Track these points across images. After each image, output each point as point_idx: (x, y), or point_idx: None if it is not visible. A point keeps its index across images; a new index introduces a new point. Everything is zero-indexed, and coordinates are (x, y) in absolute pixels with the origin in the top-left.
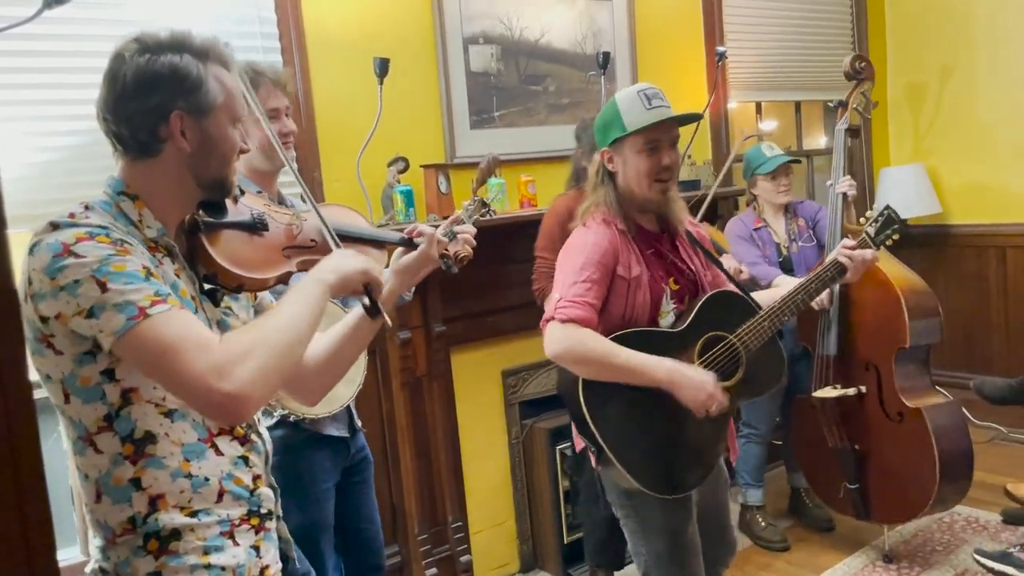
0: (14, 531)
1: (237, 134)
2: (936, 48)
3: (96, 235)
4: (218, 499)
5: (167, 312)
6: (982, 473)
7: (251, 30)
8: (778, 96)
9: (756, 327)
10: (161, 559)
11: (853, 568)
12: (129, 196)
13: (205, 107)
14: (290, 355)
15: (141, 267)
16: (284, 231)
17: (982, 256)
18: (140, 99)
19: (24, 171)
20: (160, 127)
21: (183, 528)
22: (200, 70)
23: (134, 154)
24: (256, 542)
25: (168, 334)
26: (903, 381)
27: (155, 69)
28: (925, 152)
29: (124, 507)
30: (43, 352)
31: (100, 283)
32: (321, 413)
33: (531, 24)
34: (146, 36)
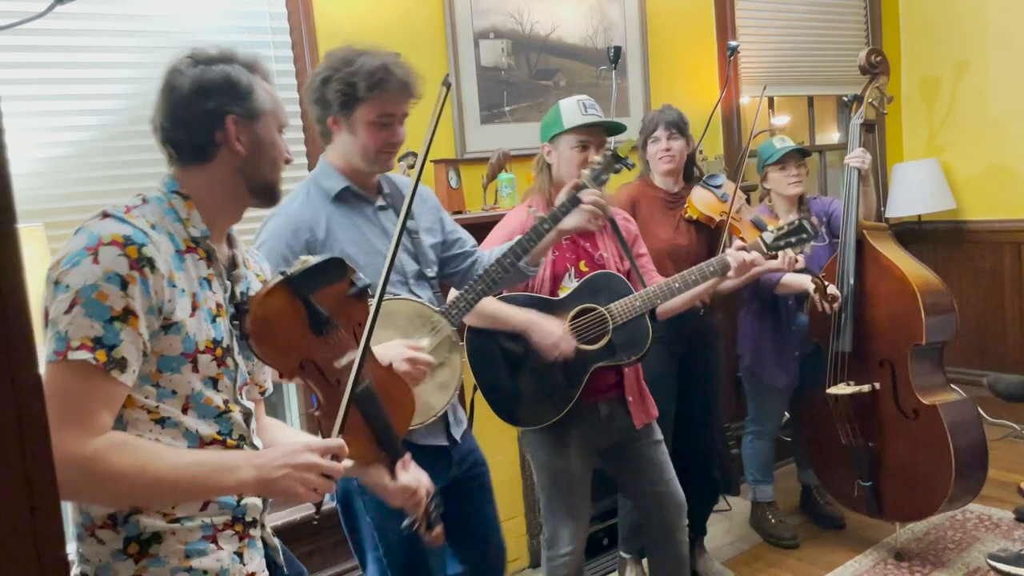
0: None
1: (283, 142)
2: (950, 43)
3: (128, 245)
4: (203, 508)
5: (82, 364)
6: (995, 471)
7: (262, 25)
8: (791, 91)
9: (627, 304)
10: (141, 563)
11: (864, 566)
12: (182, 195)
13: (256, 112)
14: (142, 503)
15: (122, 308)
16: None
17: (996, 252)
18: (197, 105)
19: (36, 166)
20: (216, 131)
21: (163, 532)
22: (249, 78)
23: (189, 159)
24: (239, 548)
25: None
26: (918, 378)
27: (210, 77)
28: (939, 147)
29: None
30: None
31: (73, 302)
32: (413, 425)
33: (542, 19)
34: (198, 51)
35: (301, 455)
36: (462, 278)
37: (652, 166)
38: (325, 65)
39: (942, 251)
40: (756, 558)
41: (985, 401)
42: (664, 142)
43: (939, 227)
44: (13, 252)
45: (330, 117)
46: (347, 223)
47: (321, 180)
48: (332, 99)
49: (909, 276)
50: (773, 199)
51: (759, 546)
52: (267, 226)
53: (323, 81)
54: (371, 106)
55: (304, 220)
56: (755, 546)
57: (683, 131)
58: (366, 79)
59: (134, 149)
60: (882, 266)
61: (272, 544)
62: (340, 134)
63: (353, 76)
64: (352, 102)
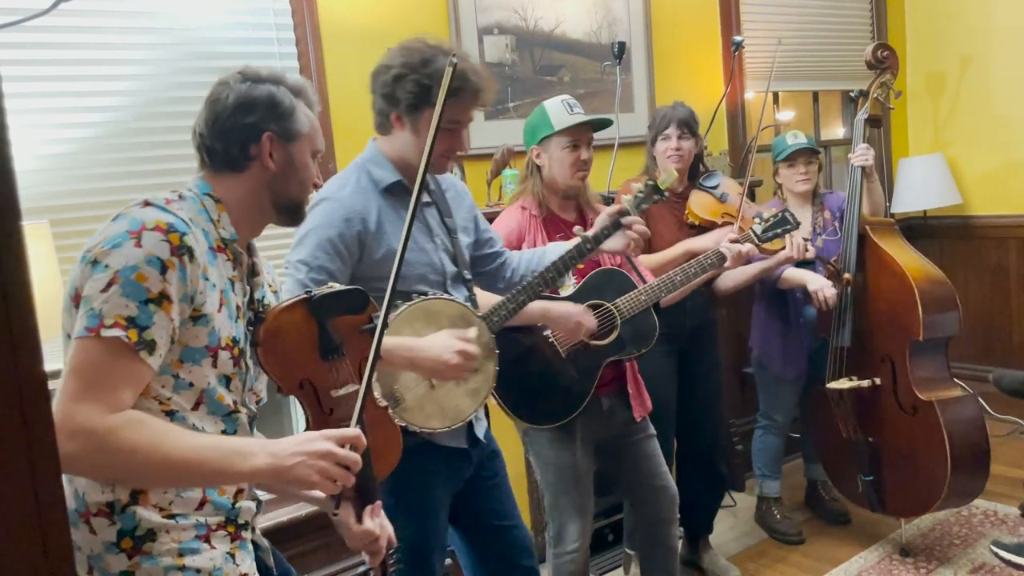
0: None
1: (315, 167)
2: (956, 38)
3: (171, 232)
4: (199, 507)
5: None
6: (1001, 467)
7: (266, 21)
8: (795, 86)
9: (633, 299)
10: (135, 559)
11: (869, 562)
12: (214, 198)
13: (293, 133)
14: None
15: (159, 291)
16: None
17: (1002, 247)
18: (237, 117)
19: (41, 163)
20: (251, 145)
21: (158, 528)
22: (292, 101)
23: (221, 167)
24: (231, 549)
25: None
26: (918, 374)
27: (255, 94)
28: (945, 142)
29: (106, 490)
30: (71, 310)
31: (111, 281)
32: (440, 428)
33: (546, 14)
34: (249, 70)
35: (317, 443)
36: (490, 278)
37: (660, 164)
38: (400, 61)
39: (948, 246)
40: (761, 554)
41: (991, 397)
42: (675, 141)
43: (945, 222)
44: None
45: (395, 113)
46: (395, 217)
47: (372, 169)
48: (402, 97)
49: (908, 271)
50: (785, 194)
51: (764, 541)
52: (315, 212)
53: (396, 78)
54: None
55: (357, 210)
56: (760, 542)
57: (694, 130)
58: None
59: (139, 146)
60: (883, 261)
61: (263, 546)
62: (401, 131)
63: (429, 79)
64: (423, 104)
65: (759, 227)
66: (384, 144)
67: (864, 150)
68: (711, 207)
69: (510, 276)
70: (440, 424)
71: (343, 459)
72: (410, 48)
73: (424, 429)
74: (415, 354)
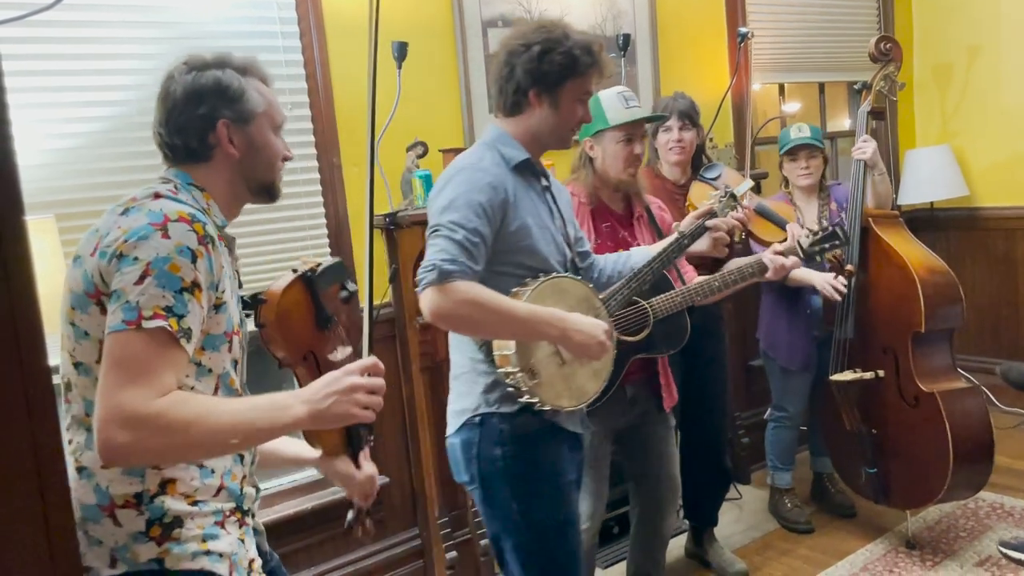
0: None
1: (280, 141)
2: (963, 28)
3: (195, 222)
4: (216, 493)
5: (157, 330)
6: (1008, 459)
7: (270, 15)
8: (802, 77)
9: (669, 299)
10: (164, 545)
11: (875, 554)
12: (198, 187)
13: (248, 115)
14: (205, 454)
15: (191, 280)
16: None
17: (1010, 239)
18: (189, 110)
19: (46, 158)
20: (209, 134)
21: (184, 516)
22: (241, 82)
23: (187, 161)
24: (240, 535)
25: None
26: (921, 366)
27: (201, 83)
28: (952, 134)
29: (134, 481)
30: (87, 308)
31: (144, 273)
32: (570, 407)
33: (550, 7)
34: (192, 57)
35: (343, 380)
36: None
37: (661, 155)
38: (538, 38)
39: (955, 238)
40: (767, 546)
41: (998, 389)
42: (676, 132)
43: (952, 214)
44: (22, 245)
45: (533, 90)
46: (525, 194)
47: (501, 148)
48: (548, 71)
49: (910, 263)
50: (791, 187)
51: (770, 534)
52: (454, 181)
53: (542, 53)
54: (582, 82)
55: (500, 179)
56: (766, 534)
57: (695, 121)
58: (585, 55)
59: (143, 140)
60: (885, 253)
61: (260, 530)
62: (537, 108)
63: (574, 51)
64: (566, 77)
65: (806, 241)
66: (511, 125)
67: (864, 143)
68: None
69: (596, 277)
70: (568, 403)
71: (371, 386)
72: (542, 25)
73: (554, 406)
74: (567, 326)
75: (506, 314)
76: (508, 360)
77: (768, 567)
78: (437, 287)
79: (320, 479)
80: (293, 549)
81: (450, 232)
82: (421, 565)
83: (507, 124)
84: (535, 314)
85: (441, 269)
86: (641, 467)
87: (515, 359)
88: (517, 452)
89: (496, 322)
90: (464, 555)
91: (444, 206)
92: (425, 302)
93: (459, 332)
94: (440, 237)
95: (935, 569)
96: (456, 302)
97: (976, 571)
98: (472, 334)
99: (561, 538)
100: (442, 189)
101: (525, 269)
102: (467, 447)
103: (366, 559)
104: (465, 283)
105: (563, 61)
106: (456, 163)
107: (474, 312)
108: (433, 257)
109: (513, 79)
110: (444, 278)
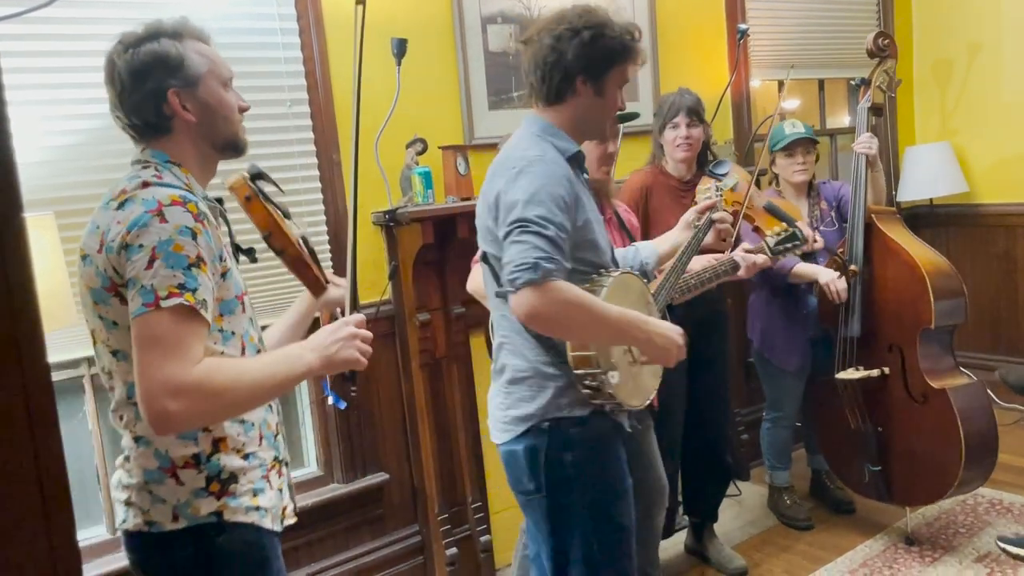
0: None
1: (232, 94)
2: (963, 25)
3: (188, 201)
4: (259, 443)
5: (177, 308)
6: (1006, 455)
7: (269, 12)
8: (801, 74)
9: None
10: (222, 500)
11: (874, 550)
12: (175, 163)
13: (193, 78)
14: (240, 412)
15: (195, 255)
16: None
17: (1010, 236)
18: (138, 88)
19: (45, 155)
20: (163, 107)
21: (238, 471)
22: (177, 48)
23: (151, 136)
24: (280, 485)
25: (164, 332)
26: (927, 362)
27: (140, 59)
28: (952, 130)
29: (189, 444)
30: (108, 301)
31: (152, 257)
32: (639, 405)
33: (550, 3)
34: (126, 35)
35: (342, 330)
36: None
37: (667, 152)
38: (586, 22)
39: (954, 235)
40: (766, 542)
41: (997, 385)
42: (684, 129)
43: (952, 211)
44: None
45: (581, 76)
46: (581, 188)
47: (552, 139)
48: (599, 56)
49: (918, 260)
50: (781, 184)
51: (769, 530)
52: (529, 173)
53: (594, 38)
54: (627, 67)
55: (568, 172)
56: (765, 530)
57: (702, 117)
58: (632, 40)
59: None
60: (890, 250)
61: (291, 483)
62: (581, 97)
63: (622, 36)
64: (614, 63)
65: (772, 240)
66: (553, 115)
67: (867, 138)
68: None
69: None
70: (638, 402)
71: (364, 335)
72: (587, 10)
73: (629, 406)
74: (650, 329)
75: (599, 316)
76: (588, 361)
77: (767, 563)
78: (536, 287)
79: (320, 475)
80: (293, 546)
81: (541, 228)
82: (421, 561)
83: (549, 114)
84: (624, 317)
85: (543, 268)
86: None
87: (597, 360)
88: (588, 456)
89: (590, 324)
90: (464, 552)
91: (525, 200)
92: (522, 302)
93: (551, 334)
94: (530, 233)
95: (934, 565)
96: (557, 302)
97: (975, 567)
98: (563, 336)
99: (627, 546)
100: (513, 181)
101: (588, 265)
102: (532, 454)
103: (366, 555)
104: (563, 282)
105: (614, 46)
106: (517, 154)
107: (572, 313)
108: (528, 255)
109: (561, 65)
110: (546, 277)
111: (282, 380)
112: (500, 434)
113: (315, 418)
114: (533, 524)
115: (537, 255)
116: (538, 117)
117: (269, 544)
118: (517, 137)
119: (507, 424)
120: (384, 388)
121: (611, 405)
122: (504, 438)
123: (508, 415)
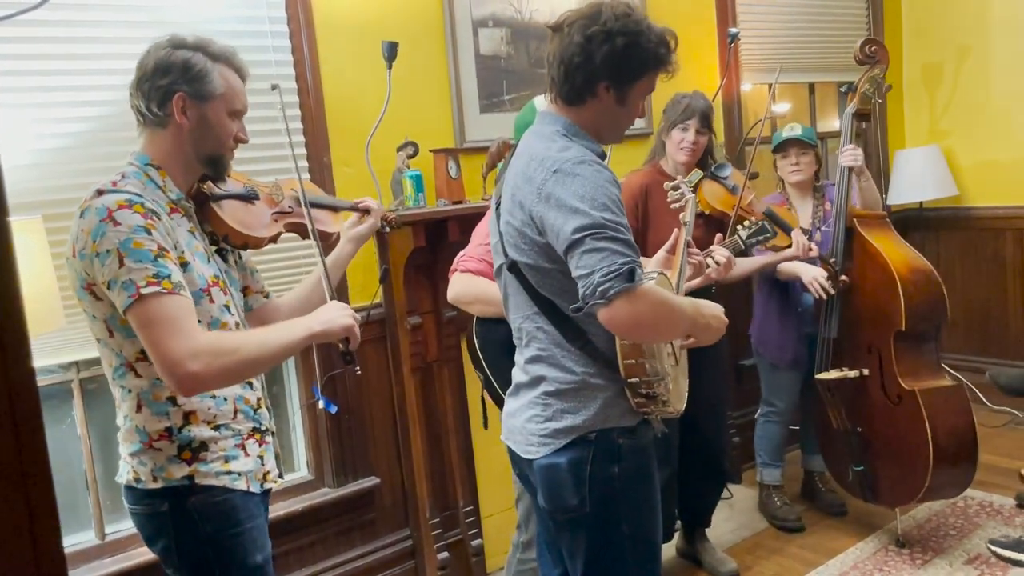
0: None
1: (236, 125)
2: (952, 28)
3: (133, 203)
4: (233, 416)
5: (157, 294)
6: (997, 457)
7: (259, 14)
8: (791, 78)
9: None
10: (193, 465)
11: (865, 552)
12: (154, 166)
13: (205, 94)
14: (255, 369)
15: (157, 247)
16: (267, 199)
17: (999, 239)
18: (154, 80)
19: (34, 158)
20: (166, 104)
21: (208, 441)
22: (208, 65)
23: (151, 125)
24: (260, 452)
25: (156, 314)
26: (905, 364)
27: (171, 60)
28: (941, 134)
29: (162, 418)
30: (86, 297)
31: (120, 257)
32: (681, 409)
33: (541, 6)
34: (175, 36)
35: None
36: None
37: (670, 152)
38: (622, 28)
39: (944, 238)
40: (758, 545)
41: (987, 388)
42: (693, 134)
43: (941, 214)
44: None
45: (604, 83)
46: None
47: (578, 140)
48: (629, 67)
49: (891, 262)
50: (786, 186)
51: (760, 533)
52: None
53: (627, 47)
54: (654, 78)
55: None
56: (756, 533)
57: (711, 126)
58: (665, 51)
59: (131, 141)
60: (868, 253)
61: (278, 452)
62: (602, 102)
63: (659, 48)
64: (643, 74)
65: (744, 233)
66: (574, 115)
67: (852, 150)
68: (722, 197)
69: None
70: (682, 405)
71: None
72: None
73: (677, 411)
74: (708, 312)
75: (680, 310)
76: (643, 369)
77: (759, 566)
78: (632, 294)
79: (311, 479)
80: (284, 550)
81: (616, 232)
82: (413, 566)
83: (569, 113)
84: (692, 305)
85: (635, 273)
86: None
87: (650, 367)
88: (633, 467)
89: (678, 320)
90: (455, 555)
91: (588, 205)
92: (621, 312)
93: (644, 339)
94: (606, 239)
95: (924, 567)
96: (653, 305)
97: (965, 569)
98: (657, 339)
99: (658, 565)
100: (564, 183)
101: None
102: (578, 467)
103: (358, 560)
104: (650, 284)
105: (646, 57)
106: (552, 154)
107: (665, 313)
108: (614, 261)
109: (586, 68)
110: (638, 282)
111: (286, 342)
112: (537, 448)
113: (305, 422)
114: (570, 542)
115: (623, 260)
116: (559, 116)
117: (242, 504)
118: (537, 135)
119: (546, 437)
120: (375, 392)
121: (659, 412)
122: (542, 452)
123: (548, 428)
